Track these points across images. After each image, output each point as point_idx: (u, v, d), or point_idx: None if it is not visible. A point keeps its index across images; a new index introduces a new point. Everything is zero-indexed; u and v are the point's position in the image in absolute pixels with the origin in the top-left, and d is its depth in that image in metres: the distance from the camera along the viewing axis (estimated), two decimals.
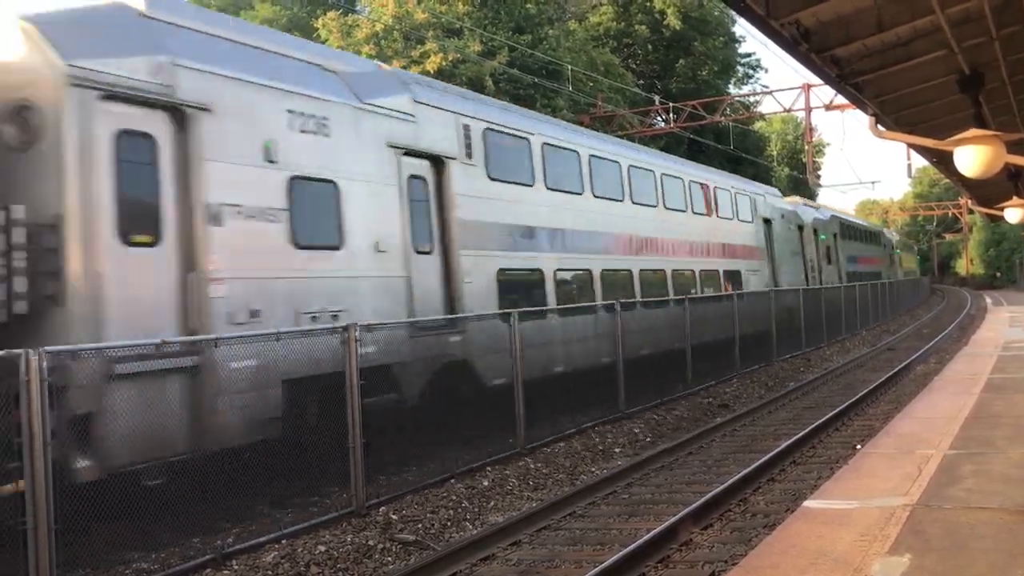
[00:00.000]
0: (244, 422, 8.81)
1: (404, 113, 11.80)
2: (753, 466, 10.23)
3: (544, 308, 13.78)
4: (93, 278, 7.87)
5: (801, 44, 7.91)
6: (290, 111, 9.97)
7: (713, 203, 22.27)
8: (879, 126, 10.45)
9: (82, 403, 7.51)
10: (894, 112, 11.19)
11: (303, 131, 10.08)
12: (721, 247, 22.44)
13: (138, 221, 8.37)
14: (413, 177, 11.81)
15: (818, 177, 71.57)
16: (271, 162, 9.61)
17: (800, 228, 29.75)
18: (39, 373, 6.45)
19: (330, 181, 10.40)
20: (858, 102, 10.52)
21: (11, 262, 7.45)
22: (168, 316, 8.48)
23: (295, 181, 9.88)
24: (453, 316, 12.01)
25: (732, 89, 54.81)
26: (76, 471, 7.40)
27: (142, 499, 7.71)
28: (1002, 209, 16.97)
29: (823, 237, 33.03)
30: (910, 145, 17.24)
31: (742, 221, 24.24)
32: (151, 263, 8.44)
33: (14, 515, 6.40)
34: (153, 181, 8.56)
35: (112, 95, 8.19)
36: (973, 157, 8.38)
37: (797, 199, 35.49)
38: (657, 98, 39.90)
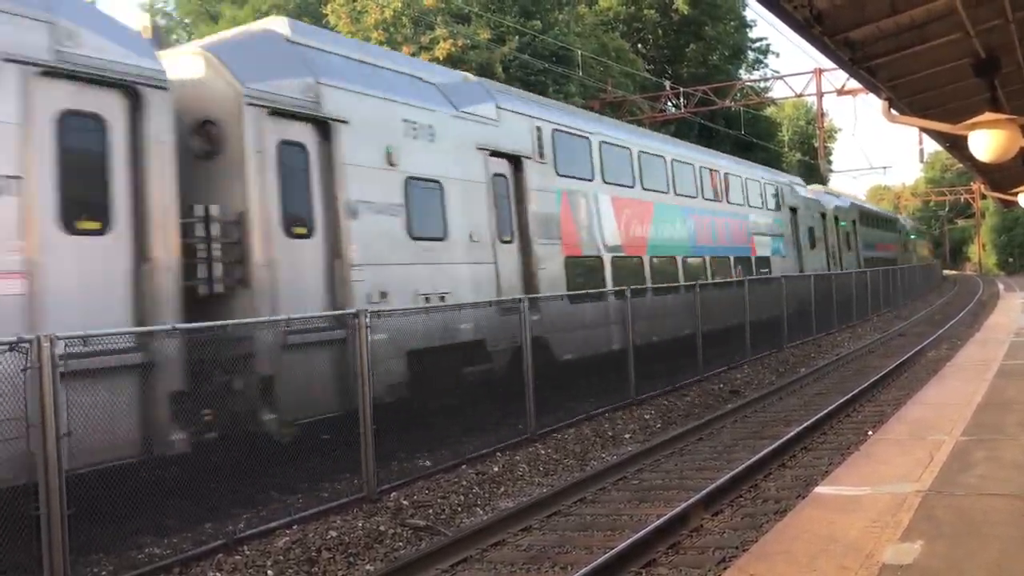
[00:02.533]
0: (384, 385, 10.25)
1: (490, 118, 13.44)
2: (764, 452, 10.21)
3: (553, 295, 13.75)
4: (270, 264, 9.50)
5: (814, 26, 7.81)
6: (405, 120, 11.61)
7: (744, 193, 23.33)
8: (892, 110, 10.34)
9: (265, 367, 9.06)
10: (908, 96, 11.07)
11: (415, 137, 11.74)
12: (752, 235, 23.54)
13: (297, 216, 9.99)
14: (497, 175, 13.41)
15: (830, 163, 71.18)
16: (392, 165, 11.25)
17: (823, 216, 30.48)
18: (51, 359, 6.47)
19: (435, 180, 12.00)
20: (871, 86, 10.40)
21: (211, 252, 9.03)
22: (320, 296, 10.13)
23: (410, 181, 11.49)
24: (463, 303, 12.07)
25: (743, 74, 54.51)
26: (264, 423, 9.00)
27: (156, 485, 7.77)
28: (1015, 194, 16.82)
29: (843, 224, 33.62)
30: (923, 130, 17.08)
31: (770, 210, 25.29)
32: (308, 251, 10.10)
33: (27, 501, 6.43)
34: (306, 183, 10.17)
35: (276, 111, 9.79)
36: (988, 141, 8.32)
37: (819, 187, 36.01)
38: (667, 83, 39.69)
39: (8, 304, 7.17)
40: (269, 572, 7.21)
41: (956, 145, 15.26)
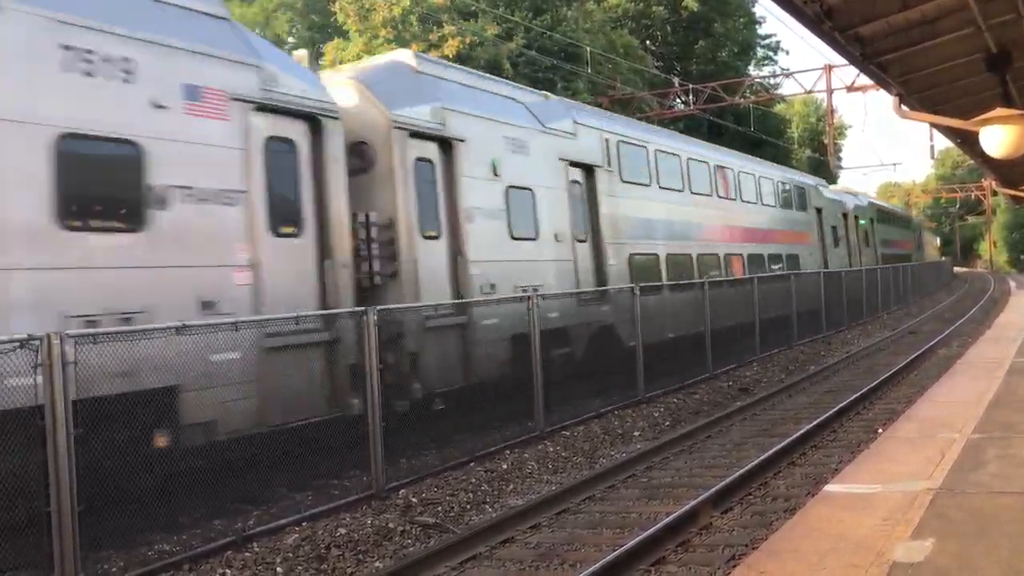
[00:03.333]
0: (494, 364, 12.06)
1: (568, 133, 15.21)
2: (773, 450, 10.17)
3: (557, 294, 13.73)
4: (411, 261, 11.39)
5: (825, 22, 7.79)
6: (504, 137, 13.42)
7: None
8: (903, 106, 10.30)
9: (411, 346, 10.74)
10: (918, 92, 11.04)
11: (512, 151, 13.50)
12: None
13: (429, 221, 11.85)
14: (574, 182, 15.20)
15: (840, 159, 70.91)
16: (496, 176, 13.07)
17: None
18: (60, 357, 6.48)
19: (528, 188, 13.79)
20: (882, 82, 10.38)
21: (371, 251, 10.78)
22: (448, 286, 12.03)
23: (510, 189, 13.32)
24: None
25: (752, 71, 54.37)
26: (412, 391, 10.78)
27: (166, 482, 7.79)
28: None
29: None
30: (934, 125, 17.02)
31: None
32: (438, 250, 11.97)
33: (38, 498, 6.45)
34: (434, 193, 12.03)
35: (414, 133, 11.65)
36: (1000, 137, 8.28)
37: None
38: (676, 80, 39.61)
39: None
40: (279, 569, 7.23)
41: (967, 141, 15.21)
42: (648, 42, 48.35)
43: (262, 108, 9.47)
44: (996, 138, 8.42)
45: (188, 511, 8.28)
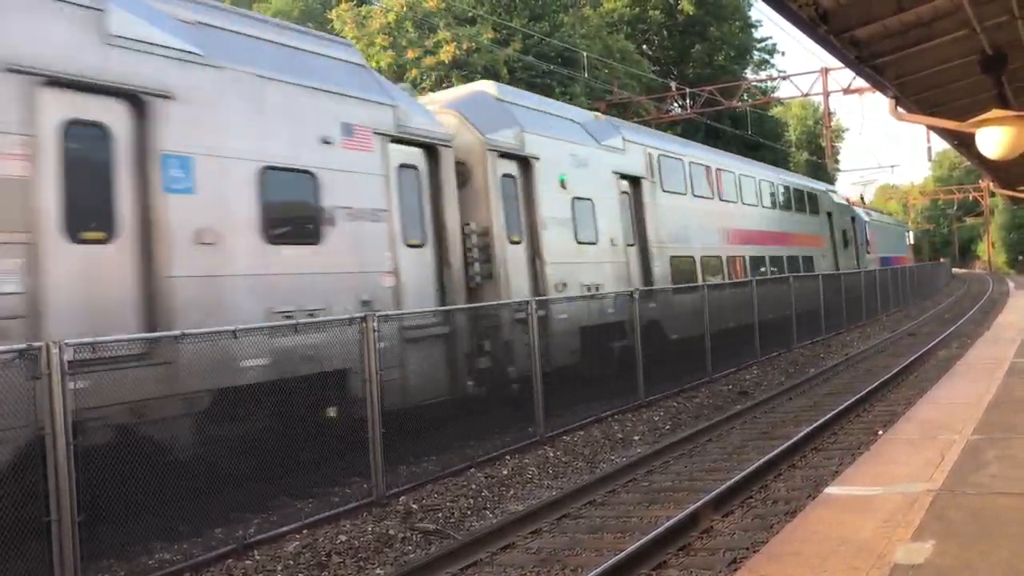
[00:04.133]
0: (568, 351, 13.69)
1: (619, 149, 16.92)
2: (773, 453, 10.17)
3: (561, 297, 13.78)
4: (503, 263, 13.05)
5: (820, 26, 7.82)
6: (570, 155, 15.20)
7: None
8: (899, 108, 10.33)
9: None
10: (915, 94, 11.07)
11: (576, 167, 15.20)
12: None
13: (513, 229, 13.52)
14: (623, 192, 16.80)
15: (837, 162, 70.95)
16: (563, 189, 14.79)
17: None
18: (60, 366, 6.48)
19: (589, 199, 15.38)
20: (878, 84, 10.40)
21: (473, 255, 12.59)
22: (528, 285, 13.60)
23: (574, 200, 14.99)
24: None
25: (749, 74, 54.45)
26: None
27: (166, 489, 7.77)
28: None
29: None
30: (931, 127, 17.05)
31: None
32: (521, 254, 13.67)
33: (38, 507, 6.45)
34: (517, 204, 13.79)
35: (503, 155, 13.47)
36: (996, 138, 8.30)
37: None
38: (673, 84, 39.67)
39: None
40: None
41: (964, 143, 15.25)
42: (645, 46, 48.46)
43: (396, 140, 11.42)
44: (992, 139, 8.44)
45: (189, 519, 8.27)
